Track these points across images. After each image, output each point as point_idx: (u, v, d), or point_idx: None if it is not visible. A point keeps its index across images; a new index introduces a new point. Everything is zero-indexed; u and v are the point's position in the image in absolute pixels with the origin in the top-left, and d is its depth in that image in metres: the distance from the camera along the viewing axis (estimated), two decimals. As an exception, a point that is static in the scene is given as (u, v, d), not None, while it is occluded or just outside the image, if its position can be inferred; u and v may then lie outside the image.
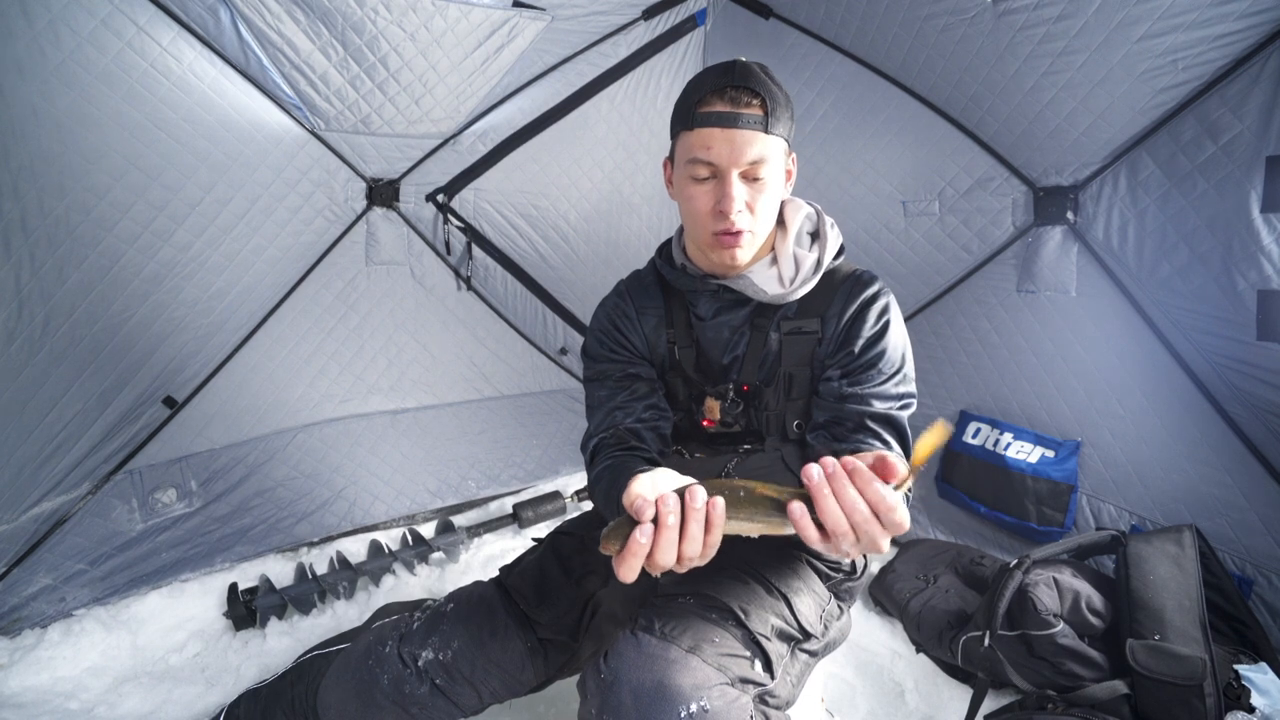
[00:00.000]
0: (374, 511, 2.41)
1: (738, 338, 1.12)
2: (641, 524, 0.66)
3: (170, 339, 1.92)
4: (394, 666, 1.06)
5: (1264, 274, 1.42)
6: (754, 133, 0.95)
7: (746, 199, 0.98)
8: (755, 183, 0.98)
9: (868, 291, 1.07)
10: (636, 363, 1.17)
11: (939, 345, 2.18)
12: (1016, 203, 1.90)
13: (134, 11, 1.53)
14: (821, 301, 1.08)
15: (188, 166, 1.76)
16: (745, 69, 0.98)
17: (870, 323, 1.04)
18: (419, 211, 2.35)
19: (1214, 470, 1.65)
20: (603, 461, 1.03)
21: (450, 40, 1.84)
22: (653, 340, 1.17)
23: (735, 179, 0.97)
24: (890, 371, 1.03)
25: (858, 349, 1.03)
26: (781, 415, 1.09)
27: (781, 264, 1.07)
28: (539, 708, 1.54)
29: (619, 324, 1.18)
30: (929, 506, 2.24)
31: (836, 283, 1.09)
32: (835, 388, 1.03)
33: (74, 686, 1.64)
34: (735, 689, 0.88)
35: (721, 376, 1.14)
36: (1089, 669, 1.45)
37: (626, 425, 1.08)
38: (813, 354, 1.08)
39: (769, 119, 0.95)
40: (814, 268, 1.07)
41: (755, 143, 0.95)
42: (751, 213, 1.00)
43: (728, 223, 0.98)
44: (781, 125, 0.98)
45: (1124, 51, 1.51)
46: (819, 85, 2.17)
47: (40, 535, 1.81)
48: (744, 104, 0.95)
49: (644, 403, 1.12)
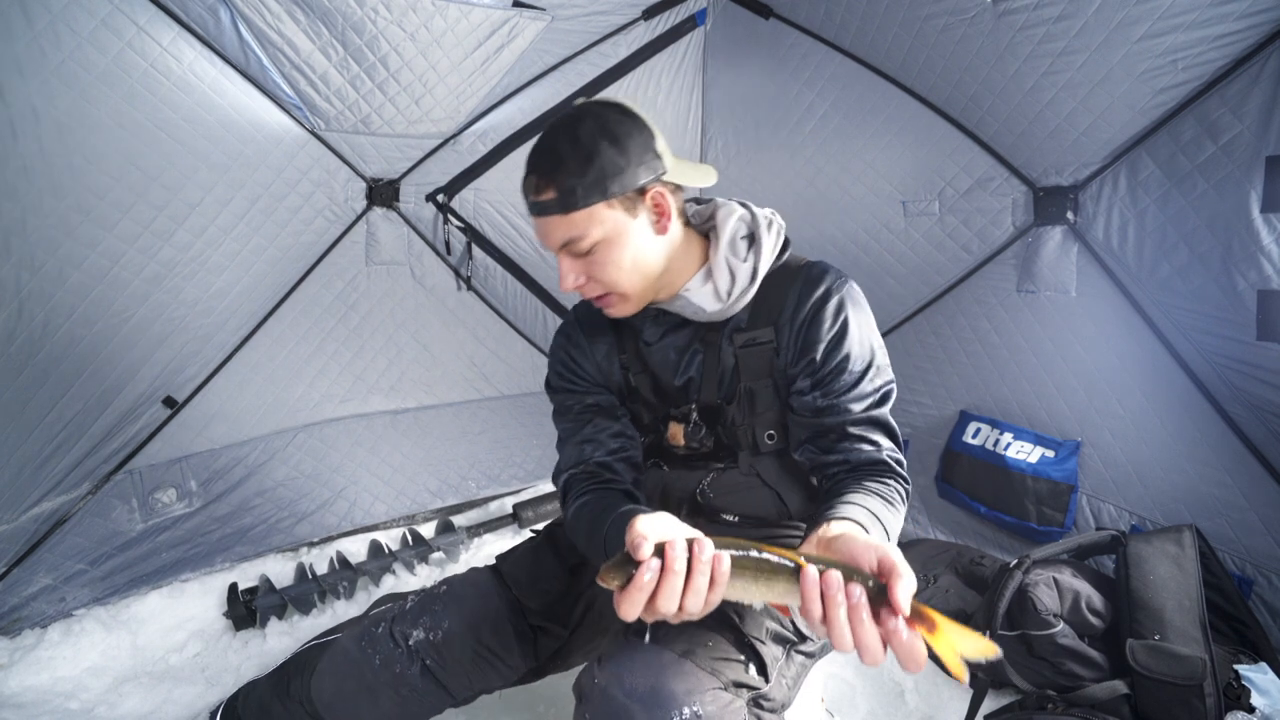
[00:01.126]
0: (374, 511, 2.41)
1: (688, 358, 1.08)
2: (646, 562, 0.65)
3: (170, 339, 1.92)
4: (385, 646, 1.06)
5: (1264, 274, 1.42)
6: (553, 219, 0.92)
7: (581, 271, 0.97)
8: (587, 256, 0.95)
9: (819, 290, 1.00)
10: (595, 391, 1.14)
11: (939, 345, 2.18)
12: (1016, 203, 1.90)
13: (134, 11, 1.53)
14: (773, 308, 1.03)
15: (188, 166, 1.76)
16: (544, 143, 0.94)
17: (827, 325, 0.98)
18: (419, 211, 2.35)
19: (1214, 470, 1.65)
20: (577, 499, 1.03)
21: (450, 40, 1.84)
22: (606, 369, 1.14)
23: (561, 257, 0.96)
24: (861, 369, 0.99)
25: (820, 355, 0.98)
26: (750, 430, 1.06)
27: (716, 276, 1.01)
28: (539, 708, 1.54)
29: (572, 354, 1.15)
30: (929, 506, 2.24)
31: (786, 283, 1.03)
32: (809, 401, 1.00)
33: (74, 686, 1.64)
34: (729, 693, 0.88)
35: (681, 398, 1.10)
36: (1089, 669, 1.45)
37: (596, 460, 1.07)
38: (771, 365, 1.03)
39: (566, 198, 0.90)
40: (750, 277, 1.01)
41: (559, 228, 0.93)
42: (597, 282, 0.98)
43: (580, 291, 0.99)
44: (589, 194, 0.90)
45: (1124, 51, 1.51)
46: (819, 85, 2.17)
47: (40, 535, 1.81)
48: (539, 193, 0.92)
49: (609, 433, 1.09)
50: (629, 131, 0.92)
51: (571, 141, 0.91)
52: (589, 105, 0.95)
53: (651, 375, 1.12)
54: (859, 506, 0.84)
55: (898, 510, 0.93)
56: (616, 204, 0.93)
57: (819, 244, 2.30)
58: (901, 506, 0.95)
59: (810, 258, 1.08)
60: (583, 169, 0.90)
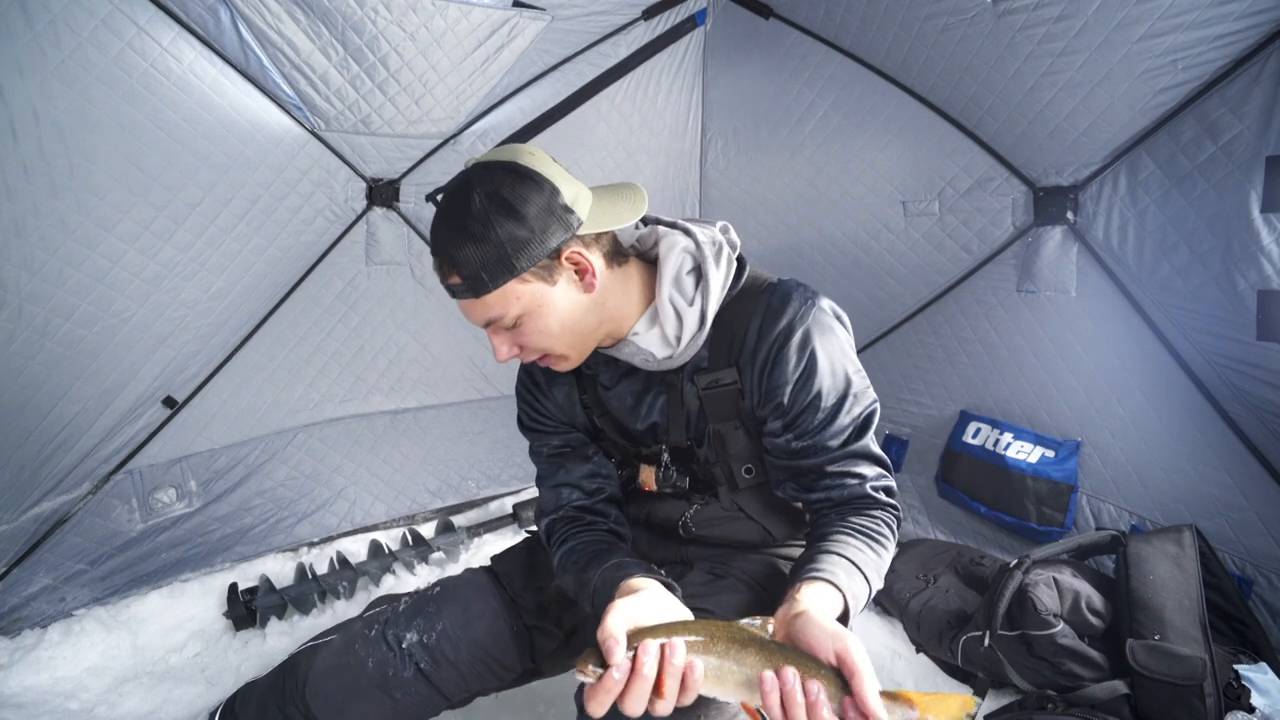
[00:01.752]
0: (374, 511, 2.41)
1: (650, 400, 1.03)
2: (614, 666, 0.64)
3: (170, 339, 1.92)
4: (379, 649, 1.05)
5: (1264, 274, 1.42)
6: (467, 302, 0.88)
7: (511, 342, 0.92)
8: (512, 328, 0.90)
9: (780, 325, 0.92)
10: (562, 431, 1.11)
11: (939, 345, 2.18)
12: (1016, 203, 1.90)
13: (134, 11, 1.53)
14: (734, 342, 0.96)
15: (188, 167, 1.76)
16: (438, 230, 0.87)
17: (792, 365, 0.92)
18: (419, 211, 2.35)
19: (1214, 470, 1.65)
20: (560, 545, 1.02)
21: (450, 40, 1.84)
22: (567, 410, 1.10)
23: (491, 333, 0.91)
24: (834, 403, 0.93)
25: (787, 398, 0.93)
26: (726, 466, 1.03)
27: (663, 320, 0.94)
28: (539, 708, 1.54)
29: (534, 393, 1.12)
30: (929, 506, 2.24)
31: (746, 315, 0.96)
32: (783, 444, 0.95)
33: (74, 686, 1.64)
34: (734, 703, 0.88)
35: (649, 440, 1.07)
36: (1089, 669, 1.45)
37: (576, 504, 1.06)
38: (738, 406, 0.98)
39: (474, 283, 0.84)
40: (699, 321, 0.93)
41: (476, 310, 0.88)
42: (530, 349, 0.93)
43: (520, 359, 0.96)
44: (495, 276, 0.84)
45: (1124, 51, 1.51)
46: (819, 85, 2.17)
47: (40, 535, 1.81)
48: (446, 278, 0.87)
49: (581, 474, 1.07)
50: (525, 196, 0.83)
51: (464, 220, 0.83)
52: (475, 172, 0.86)
53: (614, 418, 1.08)
54: (838, 556, 0.84)
55: (883, 546, 0.91)
56: (529, 276, 0.86)
57: (819, 244, 2.30)
58: (889, 540, 0.93)
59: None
60: (482, 251, 0.83)
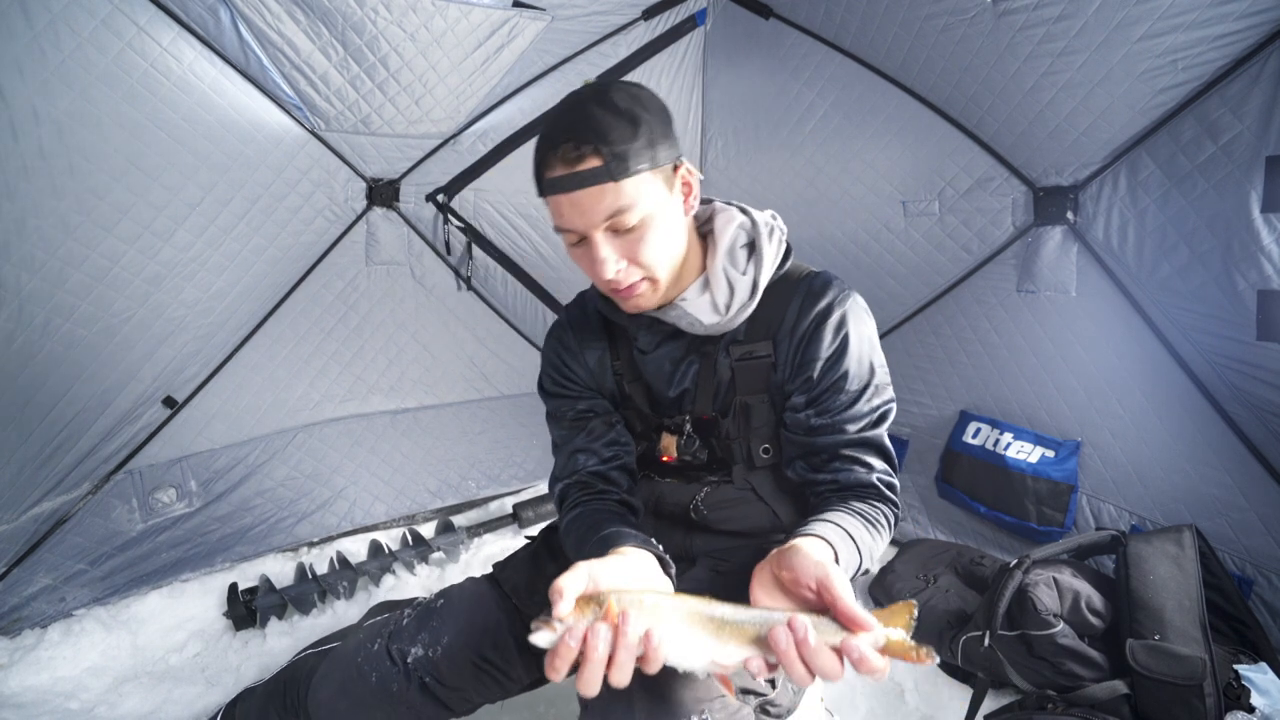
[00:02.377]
0: (374, 511, 2.41)
1: (684, 369, 1.05)
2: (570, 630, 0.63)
3: (170, 339, 1.92)
4: (382, 664, 1.03)
5: (1264, 274, 1.42)
6: (599, 188, 0.82)
7: (623, 253, 0.88)
8: (629, 233, 0.87)
9: (820, 304, 0.96)
10: (588, 396, 1.10)
11: (939, 345, 2.18)
12: (1016, 203, 1.90)
13: (134, 11, 1.53)
14: (772, 319, 0.99)
15: (188, 167, 1.76)
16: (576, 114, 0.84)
17: (827, 341, 0.95)
18: (419, 211, 2.35)
19: (1214, 470, 1.65)
20: (570, 510, 1.01)
21: (450, 40, 1.84)
22: (598, 375, 1.10)
23: (600, 239, 0.86)
24: (858, 389, 0.95)
25: (817, 373, 0.95)
26: (745, 443, 1.04)
27: (714, 288, 0.96)
28: (539, 708, 1.54)
29: (564, 358, 1.12)
30: (929, 506, 2.24)
31: (787, 295, 0.99)
32: (802, 419, 0.97)
33: (74, 686, 1.64)
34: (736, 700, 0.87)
35: (675, 408, 1.07)
36: (1089, 669, 1.45)
37: (590, 469, 1.05)
38: (768, 380, 1.00)
39: (615, 165, 0.81)
40: (750, 290, 0.96)
41: (605, 197, 0.83)
42: (637, 265, 0.89)
43: (612, 282, 0.90)
44: (638, 160, 0.83)
45: (1124, 51, 1.51)
46: (819, 85, 2.17)
47: (40, 535, 1.81)
48: (579, 160, 0.82)
49: (603, 441, 1.07)
50: (657, 105, 0.87)
51: (609, 108, 0.83)
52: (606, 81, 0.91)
53: (645, 384, 1.09)
54: (833, 525, 0.84)
55: (879, 532, 0.92)
56: (659, 175, 0.86)
57: (819, 244, 2.30)
58: (885, 530, 0.93)
59: (811, 263, 1.05)
60: (632, 132, 0.82)
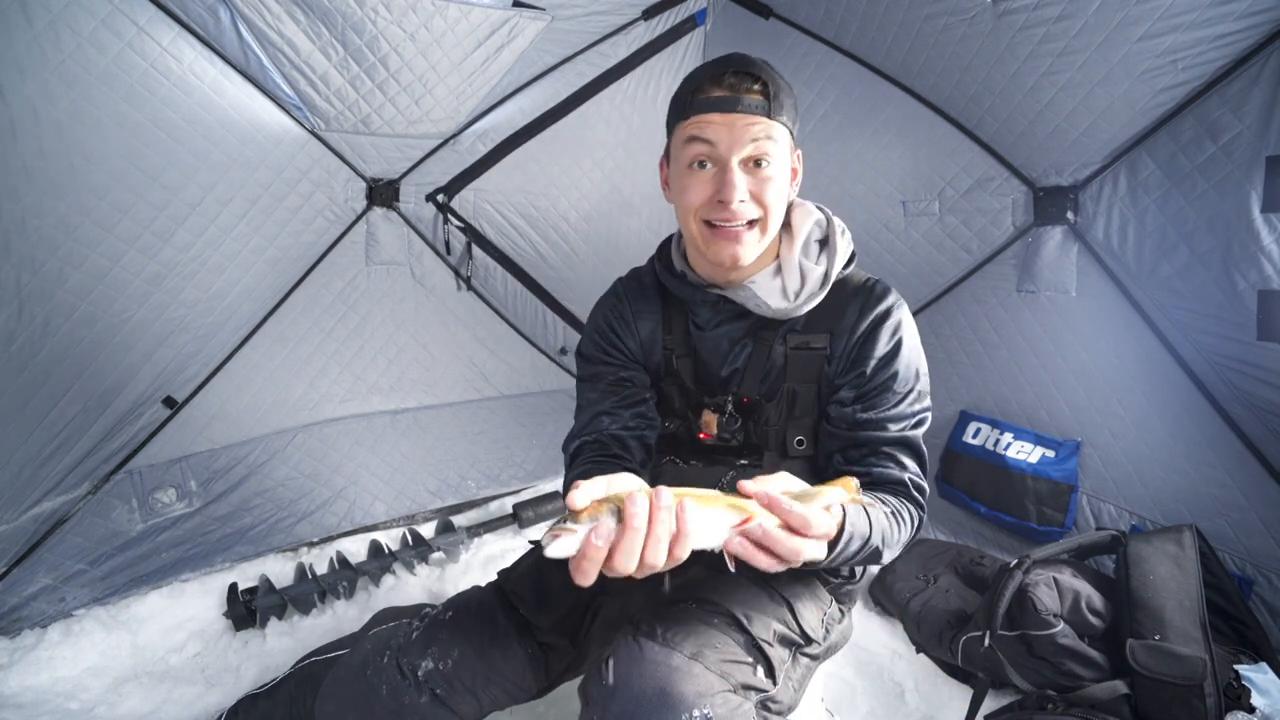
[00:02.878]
0: (374, 511, 2.41)
1: (739, 349, 1.07)
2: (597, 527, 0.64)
3: (170, 339, 1.92)
4: (392, 677, 1.03)
5: (1264, 274, 1.42)
6: (755, 117, 0.90)
7: (750, 188, 0.92)
8: (758, 170, 0.92)
9: (880, 307, 1.01)
10: (630, 367, 1.13)
11: (939, 345, 2.17)
12: (1016, 203, 1.90)
13: (134, 12, 1.53)
14: (831, 316, 1.02)
15: (188, 167, 1.76)
16: (745, 57, 0.94)
17: (883, 342, 0.99)
18: (419, 211, 2.35)
19: (1214, 470, 1.64)
20: (580, 466, 1.02)
21: (450, 40, 1.84)
22: (648, 346, 1.13)
23: (736, 166, 0.91)
24: (904, 391, 1.00)
25: (870, 370, 0.99)
26: (782, 431, 1.06)
27: (786, 275, 1.00)
28: (539, 708, 1.54)
29: (615, 326, 1.14)
30: (929, 506, 2.23)
31: (847, 295, 1.03)
32: (849, 414, 1.00)
33: (74, 686, 1.64)
34: (738, 696, 0.88)
35: (720, 388, 1.09)
36: (1089, 669, 1.45)
37: (611, 431, 1.06)
38: (820, 371, 1.03)
39: (771, 103, 0.91)
40: (821, 281, 1.01)
41: (757, 127, 0.90)
42: (758, 204, 0.93)
43: (729, 212, 0.92)
44: (786, 113, 0.93)
45: (1124, 51, 1.51)
46: (819, 85, 2.17)
47: (40, 535, 1.81)
48: (744, 89, 0.91)
49: (632, 410, 1.09)
50: None
51: (772, 67, 0.95)
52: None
53: (695, 360, 1.11)
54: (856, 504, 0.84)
55: (900, 524, 0.92)
56: (790, 139, 0.96)
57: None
58: (907, 524, 0.95)
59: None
60: (788, 90, 0.95)
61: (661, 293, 1.14)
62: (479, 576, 2.16)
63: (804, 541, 0.70)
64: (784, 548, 0.68)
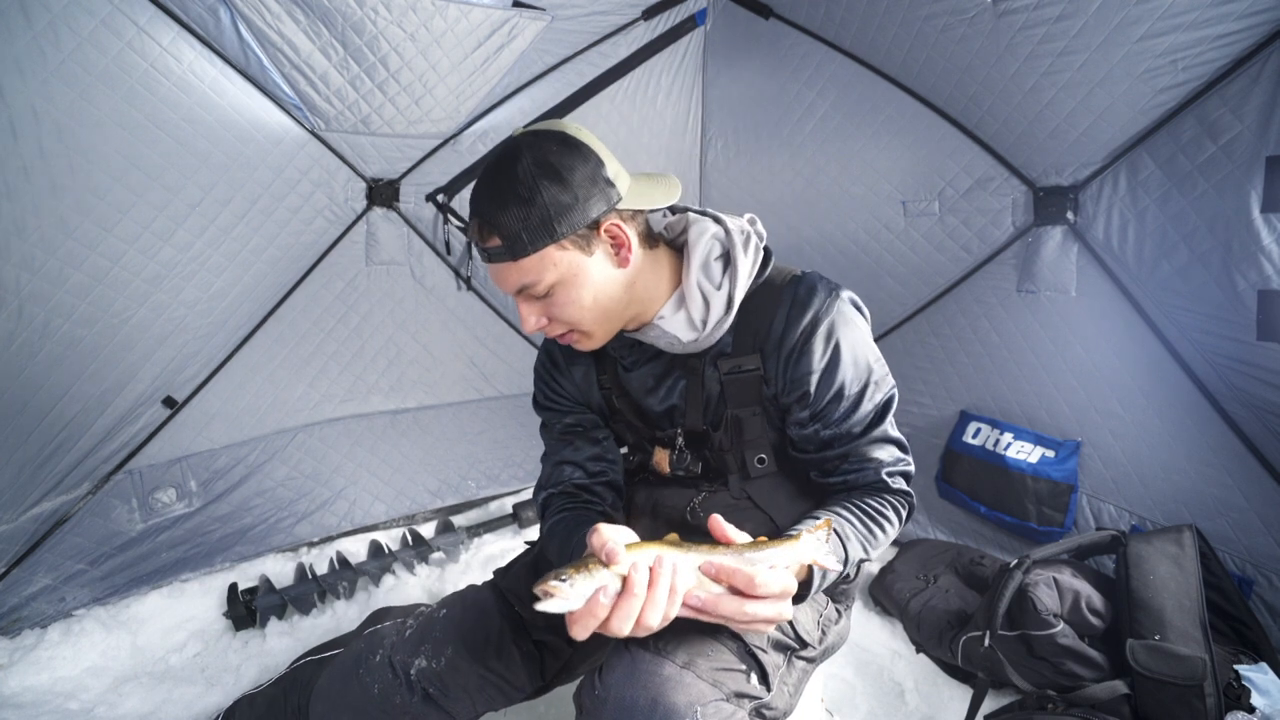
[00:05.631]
0: (374, 511, 2.41)
1: (670, 384, 1.06)
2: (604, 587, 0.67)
3: (170, 339, 1.92)
4: (384, 676, 1.02)
5: (1264, 274, 1.42)
6: (503, 265, 0.89)
7: (540, 313, 0.93)
8: (545, 298, 0.91)
9: (807, 316, 0.95)
10: (576, 411, 1.13)
11: (939, 345, 2.18)
12: (1016, 203, 1.90)
13: (134, 11, 1.53)
14: (758, 330, 0.98)
15: (188, 167, 1.76)
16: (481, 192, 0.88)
17: (819, 354, 0.95)
18: (419, 211, 2.35)
19: (1214, 470, 1.65)
20: (553, 516, 1.03)
21: (450, 40, 1.84)
22: (585, 389, 1.13)
23: (520, 300, 0.93)
24: (857, 392, 0.97)
25: (814, 388, 0.96)
26: (740, 454, 1.04)
27: (689, 303, 0.96)
28: (539, 708, 1.54)
29: (551, 373, 1.15)
30: (929, 506, 2.24)
31: (771, 304, 0.98)
32: (813, 434, 0.98)
33: (74, 686, 1.64)
34: (730, 704, 0.87)
35: (666, 422, 1.08)
36: (1089, 669, 1.45)
37: (574, 481, 1.07)
38: (759, 393, 1.00)
39: (512, 246, 0.86)
40: (725, 305, 0.96)
41: (510, 274, 0.89)
42: (555, 320, 0.94)
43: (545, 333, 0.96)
44: (536, 238, 0.85)
45: (1124, 51, 1.51)
46: (819, 85, 2.17)
47: (40, 535, 1.81)
48: (485, 240, 0.88)
49: (586, 455, 1.09)
50: (571, 165, 0.86)
51: (510, 183, 0.85)
52: (525, 139, 0.88)
53: (632, 400, 1.10)
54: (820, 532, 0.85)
55: (883, 524, 0.94)
56: (568, 244, 0.88)
57: (819, 244, 2.30)
58: (893, 522, 0.96)
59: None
60: (526, 213, 0.85)
61: None
62: (479, 576, 2.16)
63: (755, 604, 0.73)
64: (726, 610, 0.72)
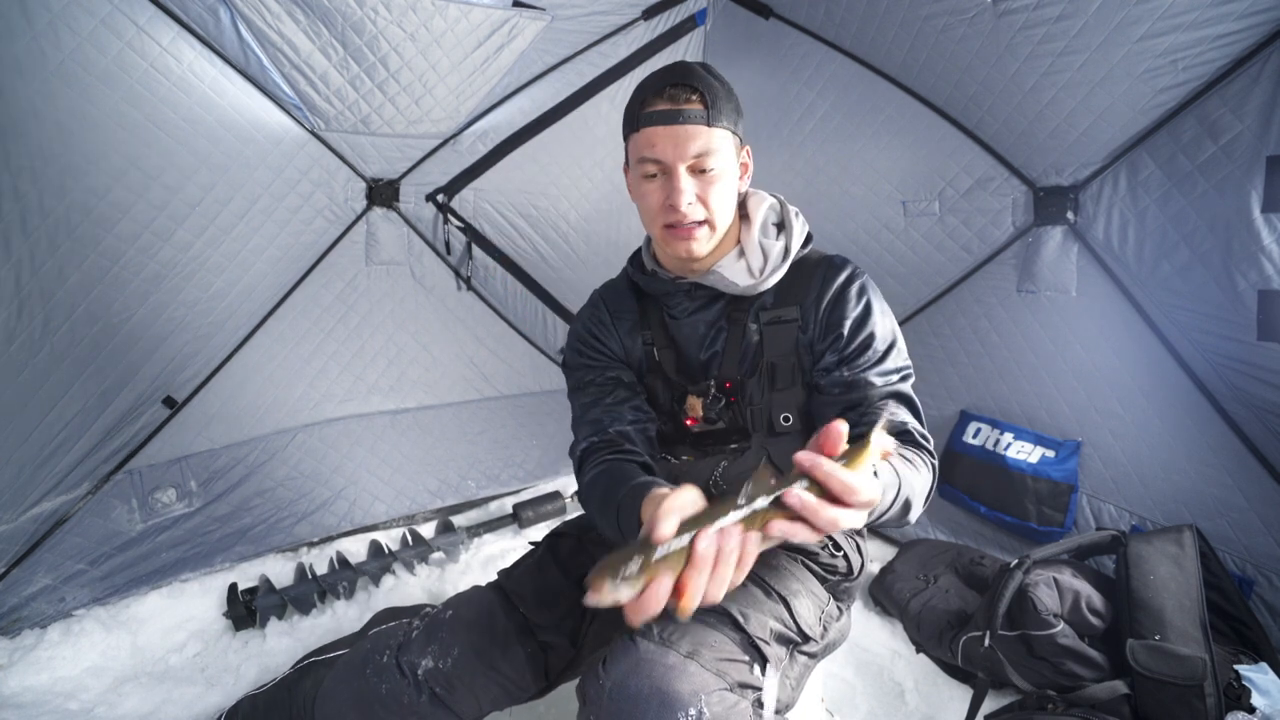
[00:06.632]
0: (374, 511, 2.41)
1: (714, 333, 1.12)
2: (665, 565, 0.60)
3: (170, 339, 1.92)
4: (392, 676, 1.03)
5: (1264, 274, 1.42)
6: (696, 127, 0.97)
7: (696, 191, 1.00)
8: (703, 175, 0.99)
9: (842, 274, 1.08)
10: (616, 366, 1.17)
11: (939, 345, 2.18)
12: (1016, 203, 1.90)
13: (134, 11, 1.53)
14: (798, 289, 1.09)
15: (188, 166, 1.76)
16: (685, 68, 1.01)
17: (853, 304, 1.05)
18: (419, 211, 2.35)
19: (1214, 470, 1.65)
20: (594, 467, 1.02)
21: (450, 40, 1.84)
22: (629, 344, 1.18)
23: (683, 173, 0.98)
24: (884, 348, 1.04)
25: (846, 331, 1.04)
26: (767, 409, 1.09)
27: (749, 255, 1.08)
28: (539, 708, 1.54)
29: (595, 331, 1.19)
30: (929, 506, 2.24)
31: (810, 269, 1.10)
32: (837, 377, 1.03)
33: (74, 686, 1.64)
34: (734, 694, 0.88)
35: (702, 373, 1.14)
36: (1089, 669, 1.45)
37: (615, 429, 1.07)
38: (796, 341, 1.08)
39: (710, 112, 0.98)
40: (782, 255, 1.08)
41: (698, 137, 0.97)
42: (704, 205, 1.01)
43: (679, 215, 1.00)
44: (725, 118, 0.99)
45: (1124, 51, 1.51)
46: (819, 85, 2.17)
47: (40, 535, 1.81)
48: (684, 100, 0.97)
49: (629, 405, 1.12)
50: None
51: (712, 73, 1.01)
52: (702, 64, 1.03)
53: (675, 349, 1.15)
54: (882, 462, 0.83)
55: (919, 470, 0.92)
56: (735, 141, 1.02)
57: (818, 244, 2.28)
58: (925, 469, 0.95)
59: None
60: (727, 95, 1.01)
61: (636, 293, 1.21)
62: (479, 576, 2.16)
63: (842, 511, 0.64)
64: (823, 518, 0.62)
